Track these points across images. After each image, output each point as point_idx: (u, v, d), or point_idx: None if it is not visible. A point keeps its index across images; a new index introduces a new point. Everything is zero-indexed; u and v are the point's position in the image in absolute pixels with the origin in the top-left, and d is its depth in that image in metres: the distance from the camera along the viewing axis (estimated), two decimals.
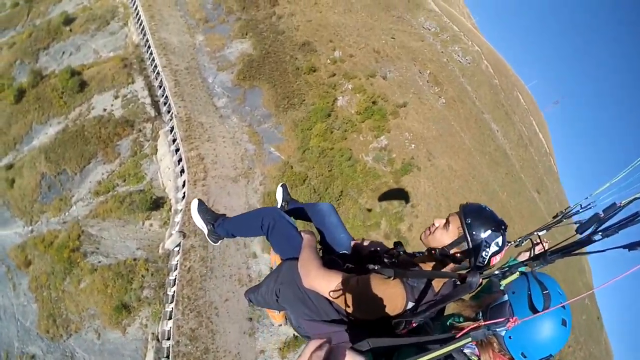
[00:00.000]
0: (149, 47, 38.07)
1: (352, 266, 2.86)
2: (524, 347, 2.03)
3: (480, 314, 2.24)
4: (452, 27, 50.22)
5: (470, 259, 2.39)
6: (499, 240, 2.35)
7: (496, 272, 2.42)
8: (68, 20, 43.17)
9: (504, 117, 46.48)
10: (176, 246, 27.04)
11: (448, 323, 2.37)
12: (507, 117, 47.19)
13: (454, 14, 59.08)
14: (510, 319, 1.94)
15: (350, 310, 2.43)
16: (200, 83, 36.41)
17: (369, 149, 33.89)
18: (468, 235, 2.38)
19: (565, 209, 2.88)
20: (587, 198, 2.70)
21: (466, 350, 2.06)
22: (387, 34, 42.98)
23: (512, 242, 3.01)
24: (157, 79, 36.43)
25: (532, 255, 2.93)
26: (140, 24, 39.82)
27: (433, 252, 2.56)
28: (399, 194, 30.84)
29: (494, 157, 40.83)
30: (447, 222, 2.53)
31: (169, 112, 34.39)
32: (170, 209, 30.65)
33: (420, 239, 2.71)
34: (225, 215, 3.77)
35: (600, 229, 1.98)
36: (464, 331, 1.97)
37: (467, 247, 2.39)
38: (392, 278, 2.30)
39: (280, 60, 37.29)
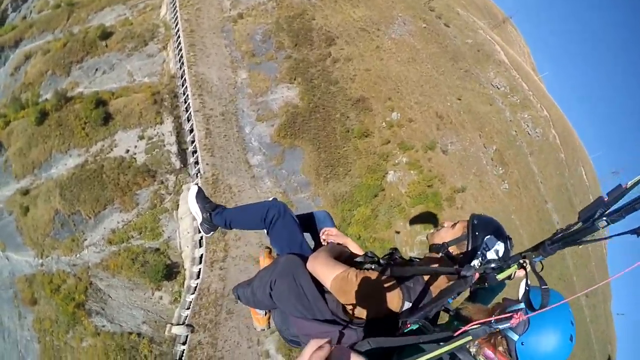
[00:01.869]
0: (184, 82, 32.58)
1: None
2: (533, 355, 1.88)
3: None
4: (521, 86, 43.02)
5: (466, 259, 2.26)
6: (500, 247, 2.25)
7: (492, 266, 2.03)
8: (105, 35, 38.14)
9: (566, 205, 39.46)
10: (183, 337, 24.51)
11: (455, 324, 2.15)
12: (570, 203, 40.10)
13: (522, 66, 51.57)
14: (515, 315, 1.78)
15: (345, 303, 2.34)
16: (235, 133, 30.80)
17: (414, 242, 27.86)
18: (470, 234, 2.33)
19: (565, 227, 1.95)
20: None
21: (472, 349, 1.95)
22: (453, 93, 36.18)
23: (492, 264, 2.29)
24: (187, 123, 31.03)
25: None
26: (179, 51, 34.31)
27: (433, 247, 2.53)
28: None
29: (548, 259, 33.98)
30: (456, 223, 2.51)
31: (196, 164, 29.23)
32: (183, 282, 26.69)
33: (427, 237, 2.68)
34: (224, 206, 3.42)
35: (605, 214, 1.68)
36: (463, 329, 1.79)
37: (466, 246, 2.34)
38: (388, 276, 2.26)
39: (329, 118, 31.20)
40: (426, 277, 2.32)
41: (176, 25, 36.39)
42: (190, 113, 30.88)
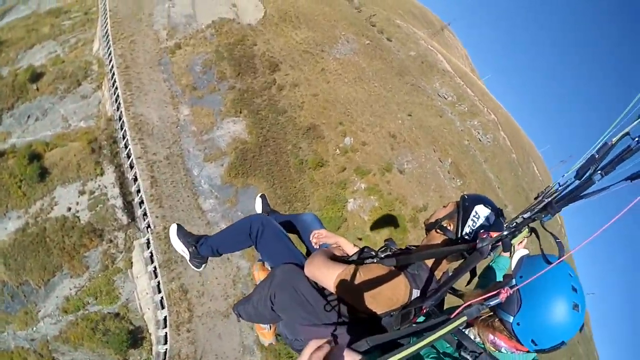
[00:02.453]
0: (123, 125, 30.16)
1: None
2: (534, 332, 1.80)
3: None
4: (467, 93, 43.46)
5: (457, 228, 2.24)
6: (489, 215, 2.20)
7: (505, 233, 2.06)
8: (35, 76, 34.93)
9: (525, 203, 39.90)
10: None
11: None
12: (527, 202, 40.62)
13: (465, 72, 52.31)
14: (502, 290, 1.73)
15: (353, 302, 2.25)
16: (183, 177, 28.78)
17: None
18: (461, 206, 2.29)
19: (545, 189, 2.24)
20: (564, 176, 2.10)
21: (477, 339, 1.97)
22: (403, 110, 35.69)
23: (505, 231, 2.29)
24: (130, 170, 28.69)
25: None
26: (115, 91, 31.79)
27: (429, 226, 2.45)
28: None
29: None
30: (449, 204, 2.47)
31: (144, 216, 26.97)
32: (151, 349, 24.59)
33: (423, 223, 2.58)
34: (206, 235, 3.33)
35: (598, 167, 1.80)
36: (457, 311, 1.76)
37: (457, 218, 2.27)
38: (394, 266, 2.17)
39: (280, 151, 29.80)
40: (429, 262, 2.27)
41: (110, 62, 33.78)
42: (132, 160, 28.55)
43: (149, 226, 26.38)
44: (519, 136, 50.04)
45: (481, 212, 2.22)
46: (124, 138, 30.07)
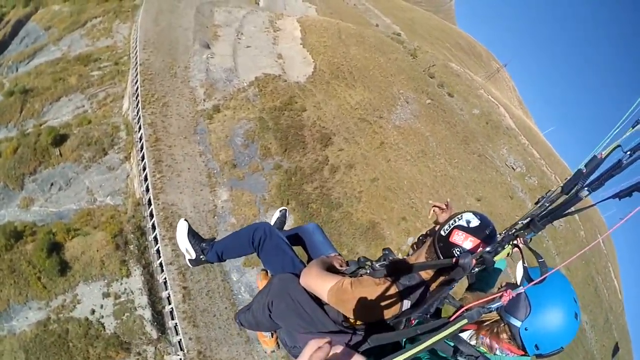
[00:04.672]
0: (152, 215, 25.07)
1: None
2: (539, 338, 1.84)
3: None
4: (534, 157, 37.00)
5: (441, 227, 2.15)
6: (473, 221, 2.06)
7: (488, 250, 1.94)
8: (59, 139, 30.37)
9: (594, 297, 33.49)
10: None
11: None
12: (596, 293, 34.17)
13: (526, 125, 45.50)
14: (505, 293, 1.65)
15: (346, 313, 2.23)
16: (219, 284, 23.57)
17: None
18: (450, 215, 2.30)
19: (545, 194, 2.09)
20: (566, 179, 1.94)
21: (472, 342, 1.96)
22: (471, 194, 29.52)
23: (498, 235, 2.26)
24: (160, 273, 23.64)
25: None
26: (144, 169, 26.66)
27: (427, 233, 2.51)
28: None
29: None
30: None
31: (175, 328, 22.07)
32: None
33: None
34: (214, 238, 3.29)
35: (585, 184, 1.74)
36: (458, 313, 1.69)
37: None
38: (384, 278, 2.16)
39: None
40: (422, 273, 2.20)
41: (139, 130, 28.59)
42: (161, 261, 23.49)
43: (181, 347, 21.49)
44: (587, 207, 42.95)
45: (465, 215, 2.09)
46: (153, 230, 25.03)
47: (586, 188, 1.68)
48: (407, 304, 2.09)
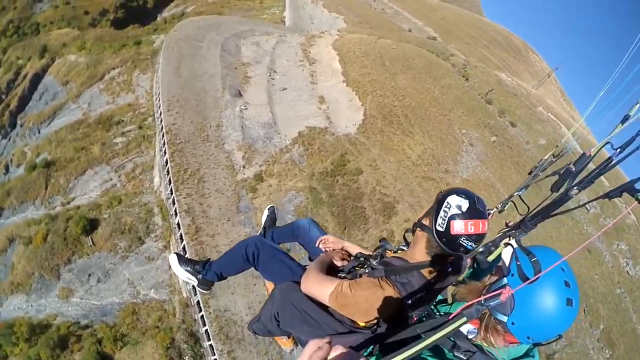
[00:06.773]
0: (204, 323, 21.13)
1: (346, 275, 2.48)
2: (529, 329, 1.69)
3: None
4: (603, 186, 30.94)
5: (431, 220, 2.00)
6: (463, 204, 1.91)
7: (480, 250, 1.91)
8: (89, 225, 26.66)
9: None
10: None
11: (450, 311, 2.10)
12: None
13: (592, 144, 39.01)
14: (504, 290, 1.58)
15: (349, 316, 2.16)
16: None
17: None
18: (436, 199, 2.07)
19: (538, 162, 2.22)
20: (557, 146, 2.12)
21: (470, 336, 1.84)
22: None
23: (495, 209, 2.32)
24: None
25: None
26: None
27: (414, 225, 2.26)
28: None
29: None
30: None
31: None
32: None
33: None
34: (210, 259, 3.12)
35: (574, 183, 1.68)
36: (457, 312, 1.61)
37: (432, 211, 2.05)
38: (382, 278, 2.05)
39: None
40: (421, 271, 2.10)
41: (175, 215, 24.38)
42: None
43: None
44: None
45: (452, 201, 1.93)
46: (207, 336, 21.15)
47: (575, 187, 1.60)
48: (407, 302, 1.99)
